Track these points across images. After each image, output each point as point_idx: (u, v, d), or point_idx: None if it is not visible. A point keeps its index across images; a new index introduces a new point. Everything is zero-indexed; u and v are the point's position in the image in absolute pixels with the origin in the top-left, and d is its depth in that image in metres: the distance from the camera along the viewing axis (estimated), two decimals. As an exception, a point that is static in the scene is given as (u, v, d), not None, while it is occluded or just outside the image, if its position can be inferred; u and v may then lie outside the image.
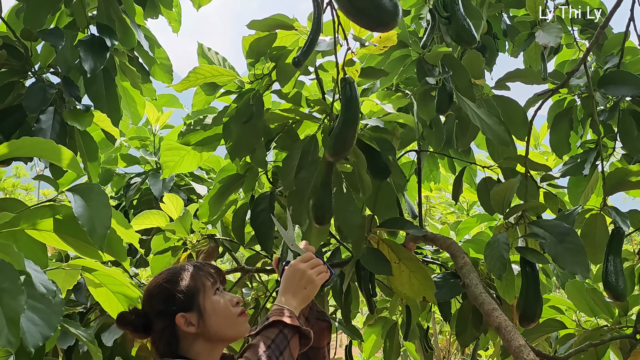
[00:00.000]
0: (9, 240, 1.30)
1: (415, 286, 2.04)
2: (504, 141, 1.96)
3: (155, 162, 3.33)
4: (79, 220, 1.19)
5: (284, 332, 1.33)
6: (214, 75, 2.01)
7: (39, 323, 1.08)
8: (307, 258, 1.43)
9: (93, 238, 1.20)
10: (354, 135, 1.62)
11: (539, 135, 3.75)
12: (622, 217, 1.88)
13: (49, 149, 1.26)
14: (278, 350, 1.31)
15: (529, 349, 1.50)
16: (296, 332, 1.34)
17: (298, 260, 1.42)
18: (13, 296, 1.02)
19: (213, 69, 1.99)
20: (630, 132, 2.24)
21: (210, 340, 1.37)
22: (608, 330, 2.25)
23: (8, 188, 6.41)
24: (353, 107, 1.58)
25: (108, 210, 1.24)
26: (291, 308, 1.37)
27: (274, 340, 1.32)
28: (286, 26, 1.94)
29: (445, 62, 2.05)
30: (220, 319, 1.36)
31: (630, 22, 2.14)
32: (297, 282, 1.40)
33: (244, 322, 1.41)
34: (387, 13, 1.29)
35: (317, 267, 1.42)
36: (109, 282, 1.56)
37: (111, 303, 1.59)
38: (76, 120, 2.14)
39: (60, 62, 2.28)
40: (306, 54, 1.60)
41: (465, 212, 4.67)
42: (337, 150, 1.64)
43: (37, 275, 1.10)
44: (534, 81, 2.16)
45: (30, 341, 1.05)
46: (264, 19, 1.92)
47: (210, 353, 1.37)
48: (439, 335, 5.28)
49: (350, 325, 2.63)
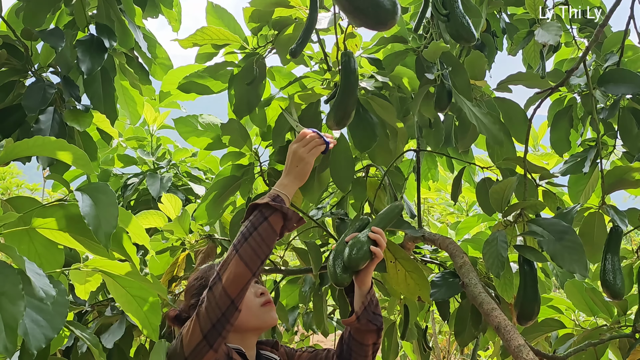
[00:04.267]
0: (22, 239, 1.32)
1: (411, 286, 2.04)
2: (499, 140, 1.96)
3: (153, 162, 3.33)
4: (85, 219, 1.19)
5: (262, 211, 1.37)
6: (219, 38, 2.07)
7: (43, 324, 1.07)
8: (299, 137, 1.47)
9: (98, 237, 1.20)
10: (354, 104, 1.66)
11: (537, 135, 3.74)
12: (621, 215, 1.87)
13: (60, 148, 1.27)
14: (253, 227, 1.35)
15: (529, 349, 1.50)
16: (274, 210, 1.37)
17: (293, 142, 1.47)
18: (12, 301, 1.00)
19: (220, 31, 2.05)
20: (630, 130, 2.24)
21: (237, 331, 1.45)
22: (607, 329, 2.24)
23: (11, 188, 6.38)
24: (352, 78, 1.63)
25: (115, 209, 1.23)
26: (281, 189, 1.42)
27: (250, 219, 1.37)
28: (284, 3, 2.00)
29: (443, 60, 2.05)
30: (243, 309, 1.39)
31: (630, 20, 2.14)
32: (290, 162, 1.45)
33: (267, 311, 1.48)
34: (385, 12, 1.29)
35: (310, 143, 1.45)
36: (128, 284, 1.55)
37: (130, 306, 1.58)
38: (76, 120, 2.15)
39: (61, 61, 2.29)
40: (302, 45, 1.64)
41: (465, 212, 4.66)
42: (338, 119, 1.71)
43: (38, 278, 1.09)
44: (536, 85, 2.16)
45: (33, 343, 1.04)
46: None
47: (240, 343, 1.46)
48: (439, 335, 5.28)
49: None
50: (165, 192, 2.87)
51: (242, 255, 1.32)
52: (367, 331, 1.52)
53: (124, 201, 3.17)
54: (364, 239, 1.48)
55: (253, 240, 1.33)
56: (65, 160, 1.31)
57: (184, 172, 3.43)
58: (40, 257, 1.36)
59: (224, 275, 1.34)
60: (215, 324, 1.33)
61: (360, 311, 1.50)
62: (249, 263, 1.32)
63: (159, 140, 3.49)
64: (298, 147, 1.44)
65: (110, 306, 2.38)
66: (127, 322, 2.27)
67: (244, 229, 1.36)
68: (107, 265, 1.44)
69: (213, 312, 1.33)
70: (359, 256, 1.45)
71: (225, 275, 1.33)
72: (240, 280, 1.32)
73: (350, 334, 1.55)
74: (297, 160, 1.43)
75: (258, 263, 1.33)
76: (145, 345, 2.58)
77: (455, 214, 4.75)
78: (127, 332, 2.31)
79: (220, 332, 1.33)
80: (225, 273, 1.34)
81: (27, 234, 1.31)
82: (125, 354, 2.45)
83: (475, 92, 2.15)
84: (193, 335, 1.34)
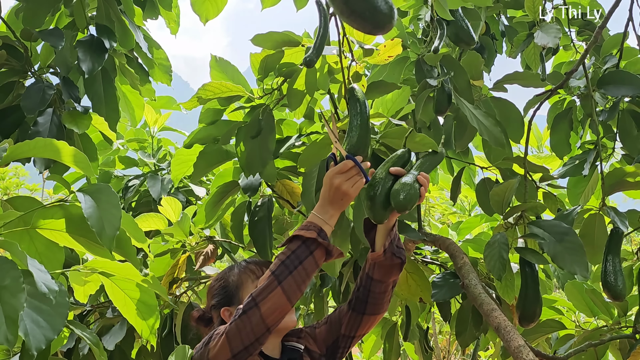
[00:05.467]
0: (23, 239, 1.32)
1: (412, 287, 2.04)
2: (500, 142, 1.96)
3: (154, 164, 3.33)
4: (89, 221, 1.19)
5: (307, 244, 1.34)
6: (223, 92, 1.96)
7: (43, 325, 1.08)
8: (342, 169, 1.40)
9: (102, 239, 1.20)
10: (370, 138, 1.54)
11: (542, 137, 3.71)
12: (621, 217, 1.87)
13: (61, 150, 1.27)
14: (298, 261, 1.33)
15: (529, 349, 1.50)
16: (319, 244, 1.35)
17: (334, 172, 1.41)
18: (13, 294, 1.01)
19: (222, 85, 1.94)
20: (629, 132, 2.24)
21: None
22: (608, 330, 2.25)
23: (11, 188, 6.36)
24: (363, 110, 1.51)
25: (118, 211, 1.24)
26: (327, 220, 1.38)
27: (295, 251, 1.34)
28: (293, 42, 1.89)
29: (444, 63, 2.05)
30: None
31: (629, 22, 2.14)
32: (333, 194, 1.40)
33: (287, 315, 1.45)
34: (382, 15, 1.28)
35: (353, 177, 1.40)
36: (127, 286, 1.55)
37: (129, 309, 1.58)
38: (74, 123, 2.14)
39: (60, 62, 2.28)
40: (317, 53, 1.58)
41: (467, 212, 4.65)
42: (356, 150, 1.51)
43: (39, 274, 1.09)
44: (532, 84, 2.16)
45: (33, 344, 1.05)
46: (268, 33, 1.87)
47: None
48: (439, 335, 5.28)
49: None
50: (166, 194, 2.87)
51: (285, 289, 1.32)
52: (391, 266, 1.51)
53: (125, 203, 3.17)
54: (411, 181, 1.41)
55: (298, 275, 1.32)
56: (66, 162, 1.31)
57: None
58: (41, 256, 1.36)
59: (263, 305, 1.31)
60: (247, 347, 1.33)
61: (387, 244, 1.49)
62: (291, 297, 1.32)
63: (160, 142, 3.49)
64: (342, 181, 1.39)
65: (111, 307, 2.38)
66: (128, 323, 2.27)
67: (287, 261, 1.34)
68: (107, 266, 1.44)
69: (247, 336, 1.32)
70: (409, 199, 1.38)
71: (265, 305, 1.31)
72: (281, 312, 1.33)
73: (369, 276, 1.53)
74: (341, 194, 1.39)
75: (299, 295, 1.34)
76: (147, 347, 2.58)
77: (457, 214, 4.74)
78: (128, 333, 2.32)
79: (251, 353, 1.34)
80: (265, 302, 1.31)
81: (28, 233, 1.32)
82: (127, 356, 2.45)
83: (474, 92, 2.15)
84: (221, 352, 1.34)
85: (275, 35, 1.87)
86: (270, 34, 1.87)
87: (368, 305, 1.54)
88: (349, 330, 1.58)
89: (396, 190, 1.40)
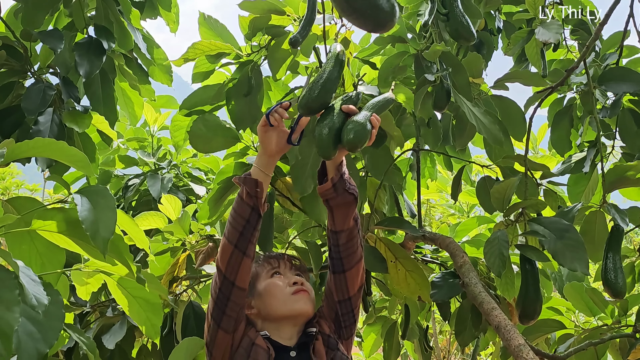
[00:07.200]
0: (24, 239, 1.33)
1: (411, 285, 2.04)
2: (499, 140, 1.96)
3: (154, 163, 3.33)
4: (83, 224, 1.18)
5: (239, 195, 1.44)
6: (212, 50, 2.05)
7: (36, 337, 1.06)
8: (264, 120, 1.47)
9: (96, 242, 1.19)
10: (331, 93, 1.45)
11: (536, 138, 3.71)
12: (622, 214, 1.87)
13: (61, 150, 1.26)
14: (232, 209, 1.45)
15: (529, 348, 1.50)
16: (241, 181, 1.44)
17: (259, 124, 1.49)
18: (9, 307, 0.99)
19: (211, 43, 2.03)
20: (629, 129, 2.23)
21: (271, 320, 1.51)
22: (608, 329, 2.24)
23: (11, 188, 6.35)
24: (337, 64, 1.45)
25: (113, 214, 1.22)
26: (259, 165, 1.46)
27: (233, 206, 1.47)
28: (278, 12, 1.99)
29: (443, 59, 2.04)
30: (273, 299, 1.50)
31: (630, 18, 2.14)
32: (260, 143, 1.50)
33: (298, 300, 1.51)
34: (384, 13, 1.27)
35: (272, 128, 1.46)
36: (129, 285, 1.55)
37: (132, 307, 1.58)
38: (75, 122, 2.14)
39: (60, 62, 2.28)
40: (303, 34, 1.58)
41: (465, 214, 4.65)
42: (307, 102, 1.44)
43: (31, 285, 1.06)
44: (532, 82, 2.16)
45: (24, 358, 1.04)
46: (255, 0, 1.97)
47: (277, 332, 1.50)
48: (439, 334, 5.27)
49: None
50: (166, 193, 2.86)
51: (226, 234, 1.44)
52: (346, 205, 1.49)
53: (125, 202, 3.17)
54: (364, 120, 1.38)
55: (232, 218, 1.44)
56: (66, 162, 1.31)
57: (184, 173, 3.43)
58: (42, 257, 1.37)
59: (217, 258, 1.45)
60: (216, 301, 1.42)
61: (337, 179, 1.47)
62: (228, 236, 1.42)
63: (160, 141, 3.49)
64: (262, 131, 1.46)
65: (112, 307, 2.38)
66: (129, 322, 2.26)
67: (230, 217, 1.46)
68: (108, 266, 1.44)
69: (213, 289, 1.44)
70: (360, 138, 1.36)
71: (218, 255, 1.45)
72: (225, 253, 1.42)
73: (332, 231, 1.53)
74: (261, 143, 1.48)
75: (236, 234, 1.42)
76: (147, 346, 2.58)
77: (456, 215, 4.73)
78: (128, 332, 2.31)
79: (224, 310, 1.42)
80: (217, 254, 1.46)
81: (28, 234, 1.32)
82: (127, 355, 2.45)
83: (474, 90, 2.15)
84: (206, 321, 1.45)
85: (262, 3, 1.97)
86: (257, 2, 1.97)
87: (343, 260, 1.53)
88: (341, 294, 1.57)
89: (348, 129, 1.37)
